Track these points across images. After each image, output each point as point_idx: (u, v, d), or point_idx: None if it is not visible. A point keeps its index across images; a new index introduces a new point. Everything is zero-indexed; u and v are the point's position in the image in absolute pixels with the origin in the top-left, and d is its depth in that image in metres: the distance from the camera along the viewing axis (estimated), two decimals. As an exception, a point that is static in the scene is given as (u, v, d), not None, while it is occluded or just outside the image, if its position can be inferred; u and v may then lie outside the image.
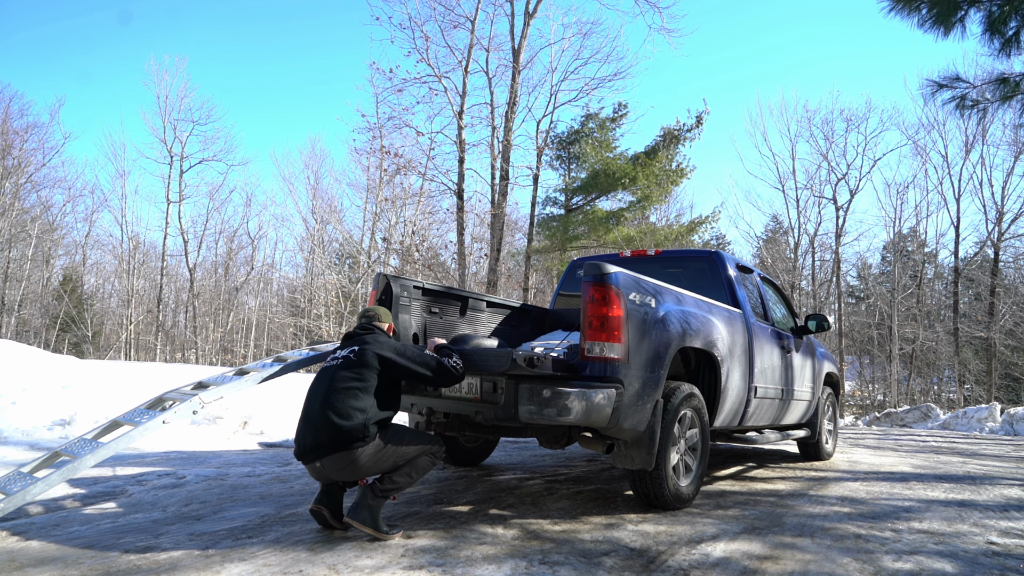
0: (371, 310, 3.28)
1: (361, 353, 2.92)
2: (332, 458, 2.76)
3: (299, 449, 2.86)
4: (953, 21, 6.39)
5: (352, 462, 2.76)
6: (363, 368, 2.87)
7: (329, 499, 2.90)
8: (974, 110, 7.04)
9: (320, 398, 2.84)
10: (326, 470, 2.80)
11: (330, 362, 3.01)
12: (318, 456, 2.78)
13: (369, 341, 2.98)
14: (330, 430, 2.74)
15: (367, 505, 2.75)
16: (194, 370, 9.97)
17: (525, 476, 4.49)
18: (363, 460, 2.78)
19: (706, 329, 3.70)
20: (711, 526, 3.20)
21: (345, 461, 2.76)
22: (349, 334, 3.16)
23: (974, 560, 2.79)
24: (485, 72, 16.16)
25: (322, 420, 2.77)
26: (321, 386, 2.89)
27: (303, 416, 2.90)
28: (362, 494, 2.78)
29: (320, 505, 2.88)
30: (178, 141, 26.45)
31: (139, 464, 4.43)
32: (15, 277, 25.73)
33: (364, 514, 2.74)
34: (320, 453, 2.77)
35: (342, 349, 3.09)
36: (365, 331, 3.12)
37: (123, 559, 2.41)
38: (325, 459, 2.77)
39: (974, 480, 5.15)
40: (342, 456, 2.75)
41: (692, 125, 16.05)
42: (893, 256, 24.22)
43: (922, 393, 22.17)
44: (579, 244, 16.96)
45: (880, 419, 13.26)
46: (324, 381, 2.90)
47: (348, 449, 2.74)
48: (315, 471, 2.85)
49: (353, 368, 2.88)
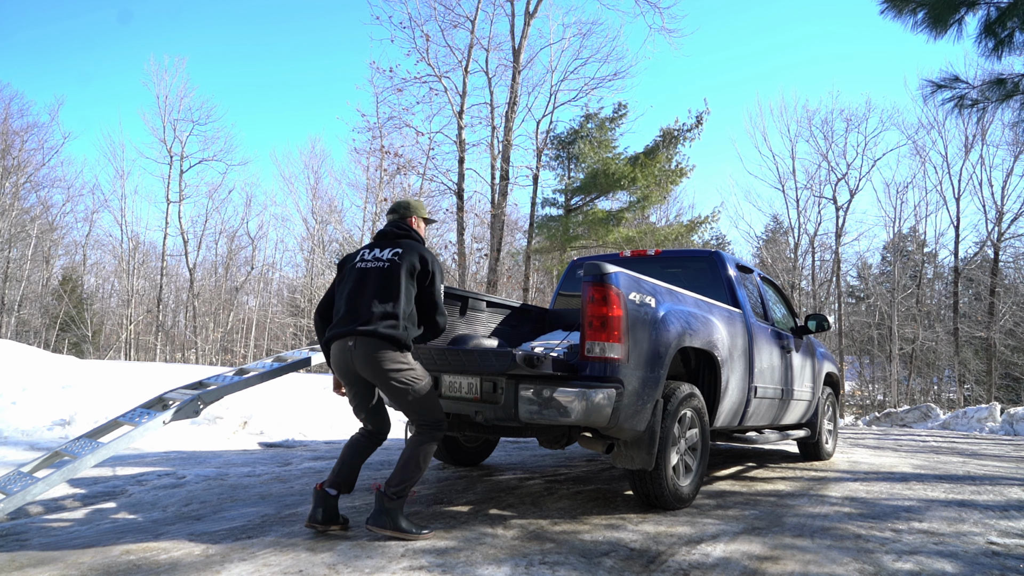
0: (403, 204, 3.23)
1: (406, 256, 2.94)
2: (368, 340, 2.78)
3: (331, 331, 2.89)
4: (949, 23, 6.40)
5: (383, 359, 2.77)
6: (404, 277, 2.90)
7: (323, 511, 2.83)
8: (973, 110, 7.04)
9: (363, 299, 2.87)
10: (354, 352, 2.80)
11: (368, 263, 2.98)
12: (354, 333, 2.80)
13: (410, 248, 3.00)
14: (372, 322, 2.79)
15: (385, 510, 2.74)
16: (194, 370, 9.97)
17: (525, 476, 4.48)
18: (391, 364, 2.79)
19: (706, 329, 3.70)
20: (711, 526, 3.20)
21: (377, 348, 2.78)
22: (384, 232, 3.14)
23: (974, 560, 2.79)
24: (485, 72, 16.18)
25: (367, 314, 2.81)
26: (361, 288, 2.90)
27: (340, 312, 2.92)
28: (378, 500, 2.77)
29: (313, 523, 2.82)
30: (178, 141, 26.48)
31: (139, 464, 4.43)
32: (15, 277, 25.72)
33: (384, 519, 2.74)
34: (357, 331, 2.79)
35: (380, 249, 3.04)
36: (401, 232, 3.12)
37: (123, 559, 2.41)
38: (361, 339, 2.79)
39: (974, 480, 5.15)
40: (377, 343, 2.77)
41: (692, 125, 16.07)
42: (893, 256, 24.22)
43: (922, 393, 22.16)
44: (579, 244, 16.96)
45: (880, 419, 13.26)
46: (366, 283, 2.91)
47: (386, 342, 2.78)
48: (340, 354, 2.84)
49: (394, 276, 2.90)
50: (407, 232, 3.14)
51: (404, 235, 3.12)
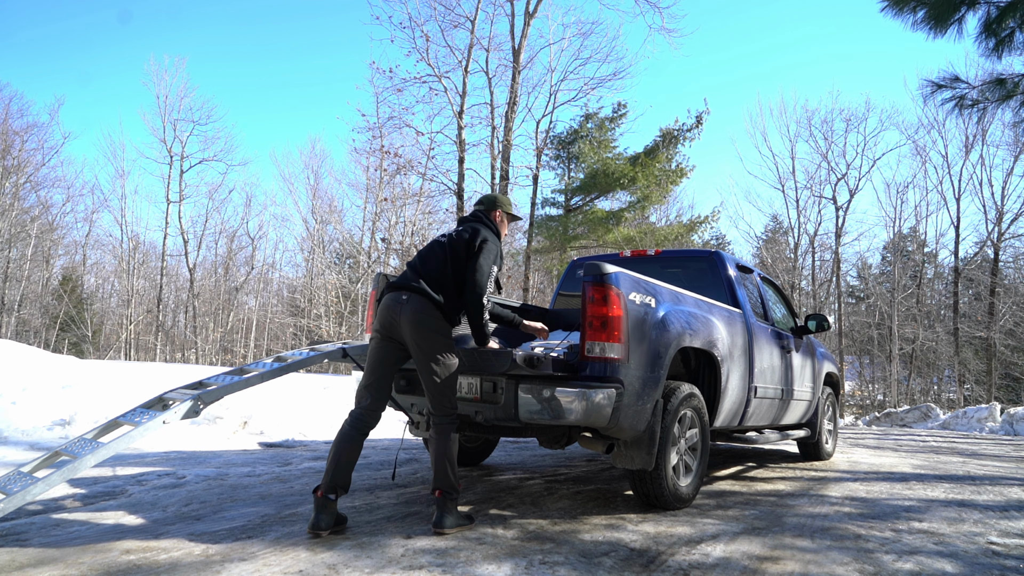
0: (488, 198, 3.36)
1: (463, 232, 3.08)
2: (422, 300, 2.86)
3: (390, 283, 2.99)
4: (950, 22, 6.40)
5: (430, 323, 2.85)
6: (460, 251, 3.01)
7: (326, 517, 2.76)
8: (973, 110, 7.04)
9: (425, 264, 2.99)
10: (404, 307, 2.86)
11: (441, 238, 3.12)
12: (409, 288, 2.89)
13: (475, 228, 3.12)
14: (430, 286, 2.90)
15: (449, 511, 2.86)
16: (194, 370, 9.97)
17: (525, 476, 4.48)
18: (436, 332, 2.87)
19: (706, 329, 3.70)
20: (711, 526, 3.20)
21: (429, 311, 2.86)
22: (462, 217, 3.31)
23: (974, 560, 2.79)
24: (485, 72, 16.19)
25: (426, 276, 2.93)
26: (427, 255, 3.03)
27: (404, 271, 3.04)
28: (441, 504, 2.86)
29: (317, 530, 2.74)
30: (178, 141, 26.52)
31: (139, 464, 4.43)
32: (15, 277, 25.73)
33: (449, 520, 2.84)
34: (413, 287, 2.88)
35: (454, 230, 3.19)
36: (476, 218, 3.26)
37: (123, 559, 2.41)
38: (416, 296, 2.87)
39: (974, 480, 5.15)
40: (430, 306, 2.86)
41: (692, 125, 16.08)
42: (893, 256, 24.23)
43: (922, 393, 22.17)
44: (579, 244, 16.97)
45: (880, 419, 13.26)
46: (432, 252, 3.04)
47: (438, 309, 2.87)
48: (391, 306, 2.89)
49: (452, 249, 3.02)
50: (481, 218, 3.26)
51: (478, 221, 3.23)
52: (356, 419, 2.93)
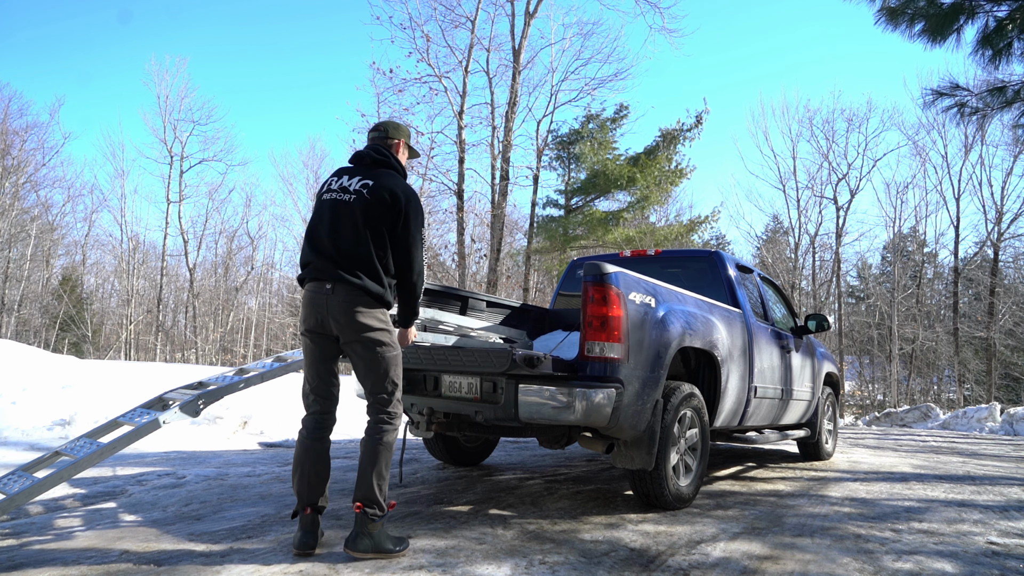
0: (389, 124, 2.84)
1: (376, 190, 2.56)
2: (349, 288, 2.50)
3: (308, 271, 2.59)
4: (948, 34, 6.40)
5: (362, 313, 2.50)
6: (374, 216, 2.54)
7: (313, 536, 2.54)
8: (974, 117, 7.04)
9: (334, 238, 2.55)
10: (331, 299, 2.51)
11: (335, 195, 2.60)
12: (333, 278, 2.51)
13: (383, 179, 2.60)
14: (353, 268, 2.51)
15: (367, 533, 2.47)
16: (194, 370, 9.97)
17: (525, 476, 4.49)
18: (370, 320, 2.52)
19: (706, 329, 3.70)
20: (711, 526, 3.20)
21: (358, 299, 2.50)
22: (359, 155, 2.72)
23: (974, 560, 2.79)
24: (485, 72, 16.19)
25: (344, 258, 2.52)
26: (330, 224, 2.56)
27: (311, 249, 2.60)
28: (359, 523, 2.49)
29: (306, 550, 2.50)
30: (178, 141, 26.50)
31: (139, 464, 4.43)
32: (15, 277, 25.72)
33: (365, 542, 2.47)
34: (338, 276, 2.50)
35: (349, 177, 2.63)
36: (379, 158, 2.70)
37: (123, 559, 2.41)
38: (341, 285, 2.50)
39: (974, 480, 5.15)
40: (359, 294, 2.50)
41: (692, 125, 16.07)
42: (893, 256, 24.23)
43: (922, 393, 22.17)
44: (579, 244, 16.97)
45: (880, 419, 13.26)
46: (334, 220, 2.56)
47: (368, 295, 2.52)
48: (315, 298, 2.54)
49: (361, 214, 2.54)
50: (386, 159, 2.72)
51: (382, 162, 2.70)
52: (312, 428, 2.65)
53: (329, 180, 2.69)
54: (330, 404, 2.69)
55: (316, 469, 2.59)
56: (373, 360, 2.57)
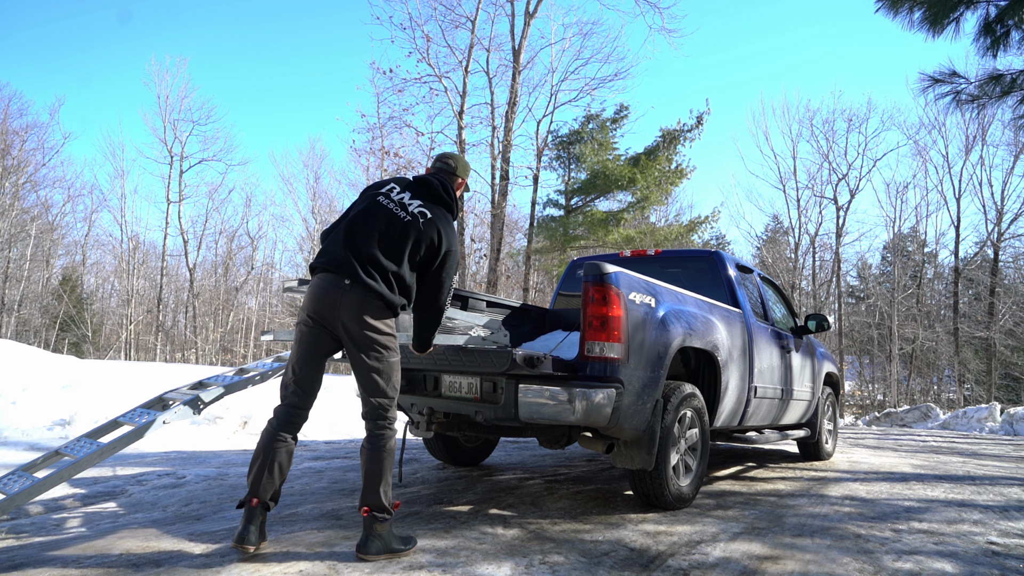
0: (459, 162, 2.90)
1: (429, 226, 2.61)
2: (367, 291, 2.49)
3: (327, 259, 2.57)
4: (947, 22, 6.38)
5: (373, 316, 2.51)
6: (419, 245, 2.59)
7: (256, 529, 2.48)
8: (973, 105, 7.01)
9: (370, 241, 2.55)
10: (346, 294, 2.49)
11: (392, 204, 2.63)
12: (355, 276, 2.49)
13: (438, 218, 2.65)
14: (377, 274, 2.51)
15: (377, 535, 2.48)
16: (194, 370, 9.97)
17: (525, 476, 4.49)
18: (379, 324, 2.53)
19: (706, 329, 3.70)
20: (711, 526, 3.20)
21: (372, 302, 2.50)
22: (425, 182, 2.74)
23: (974, 560, 2.79)
24: (485, 72, 16.20)
25: (372, 262, 2.52)
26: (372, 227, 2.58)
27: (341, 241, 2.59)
28: (367, 527, 2.49)
29: (247, 544, 2.44)
30: (178, 141, 26.53)
31: (139, 464, 4.43)
32: (15, 277, 25.73)
33: (376, 544, 2.47)
34: (359, 277, 2.49)
35: (411, 196, 2.68)
36: (444, 196, 2.75)
37: (123, 559, 2.41)
38: (359, 286, 2.49)
39: (974, 480, 5.16)
40: (375, 298, 2.50)
41: (692, 126, 16.07)
42: (893, 256, 24.24)
43: (922, 393, 22.17)
44: (579, 244, 16.97)
45: (880, 419, 13.26)
46: (379, 226, 2.58)
47: (382, 301, 2.52)
48: (329, 289, 2.51)
49: (408, 237, 2.58)
50: (448, 197, 2.78)
51: (444, 200, 2.76)
52: (284, 420, 2.59)
53: (389, 185, 2.71)
54: (307, 400, 2.63)
55: (278, 463, 2.53)
56: (377, 364, 2.55)
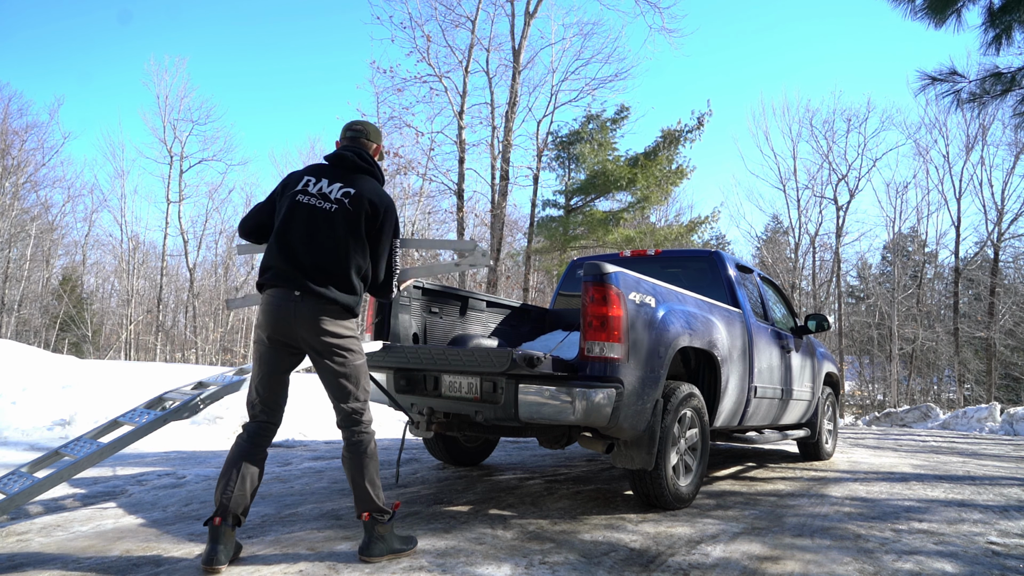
0: (369, 126, 2.72)
1: (357, 202, 2.46)
2: (318, 300, 2.40)
3: (272, 276, 2.45)
4: (949, 12, 6.35)
5: (329, 323, 2.41)
6: (356, 227, 2.45)
7: (225, 548, 2.32)
8: (974, 104, 6.98)
9: (307, 246, 2.43)
10: (299, 307, 2.40)
11: (313, 200, 2.48)
12: (303, 288, 2.39)
13: (364, 189, 2.50)
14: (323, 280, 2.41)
15: (379, 537, 2.47)
16: (194, 370, 9.97)
17: (525, 476, 4.49)
18: (338, 328, 2.44)
19: (706, 329, 3.70)
20: (711, 526, 3.20)
21: (326, 309, 2.41)
22: (340, 158, 2.58)
23: (974, 560, 2.79)
24: (485, 72, 16.19)
25: (314, 268, 2.42)
26: (303, 230, 2.45)
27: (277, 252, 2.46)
28: (368, 530, 2.47)
29: (215, 565, 2.26)
30: (178, 141, 26.49)
31: (139, 464, 4.43)
32: (15, 277, 25.73)
33: (379, 546, 2.46)
34: (308, 287, 2.39)
35: (329, 182, 2.51)
36: (363, 165, 2.58)
37: (123, 559, 2.41)
38: (310, 297, 2.40)
39: (974, 480, 5.15)
40: (327, 305, 2.41)
41: (693, 126, 16.03)
42: (893, 256, 24.24)
43: (922, 393, 22.17)
44: (579, 244, 16.96)
45: (880, 419, 13.26)
46: (309, 227, 2.45)
47: (337, 305, 2.43)
48: (281, 304, 2.41)
49: (342, 225, 2.44)
50: (369, 166, 2.61)
51: (363, 167, 2.59)
52: (254, 434, 2.52)
53: (304, 179, 2.54)
54: (276, 415, 2.58)
55: (246, 478, 2.44)
56: (342, 370, 2.48)
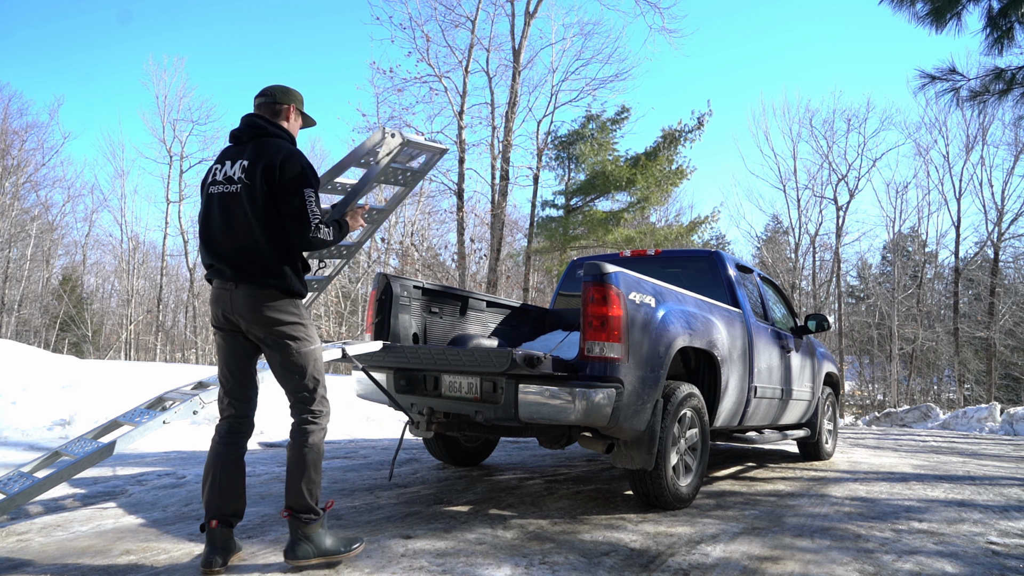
0: (279, 89, 2.55)
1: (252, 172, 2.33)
2: (250, 286, 2.32)
3: (211, 270, 2.40)
4: (950, 15, 6.36)
5: (267, 307, 2.31)
6: (270, 190, 2.32)
7: (222, 551, 2.30)
8: (974, 103, 6.98)
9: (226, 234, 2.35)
10: (235, 295, 2.33)
11: (219, 186, 2.39)
12: (233, 278, 2.33)
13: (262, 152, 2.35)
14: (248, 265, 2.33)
15: (305, 537, 2.30)
16: (194, 370, 9.96)
17: (525, 476, 4.48)
18: (278, 314, 2.33)
19: (706, 329, 3.70)
20: (711, 526, 3.20)
21: (263, 298, 2.32)
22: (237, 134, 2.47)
23: (974, 560, 2.79)
24: (485, 72, 16.19)
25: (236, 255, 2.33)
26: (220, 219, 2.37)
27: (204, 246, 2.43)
28: (292, 527, 2.31)
29: (214, 568, 2.25)
30: (177, 141, 26.51)
31: (139, 464, 4.43)
32: (15, 277, 25.73)
33: (306, 547, 2.29)
34: (238, 278, 2.32)
35: (231, 163, 2.40)
36: (258, 130, 2.44)
37: (123, 559, 2.41)
38: (243, 283, 2.32)
39: (974, 480, 5.16)
40: (260, 289, 2.33)
41: (693, 127, 16.02)
42: (893, 256, 24.24)
43: (922, 393, 22.17)
44: (579, 244, 16.96)
45: (880, 419, 13.26)
46: (223, 214, 2.36)
47: (271, 288, 2.33)
48: (219, 295, 2.37)
49: (247, 204, 2.32)
50: (268, 128, 2.45)
51: (259, 133, 2.44)
52: (226, 433, 2.44)
53: (212, 169, 2.47)
54: (246, 407, 2.48)
55: (228, 477, 2.37)
56: (287, 357, 2.37)
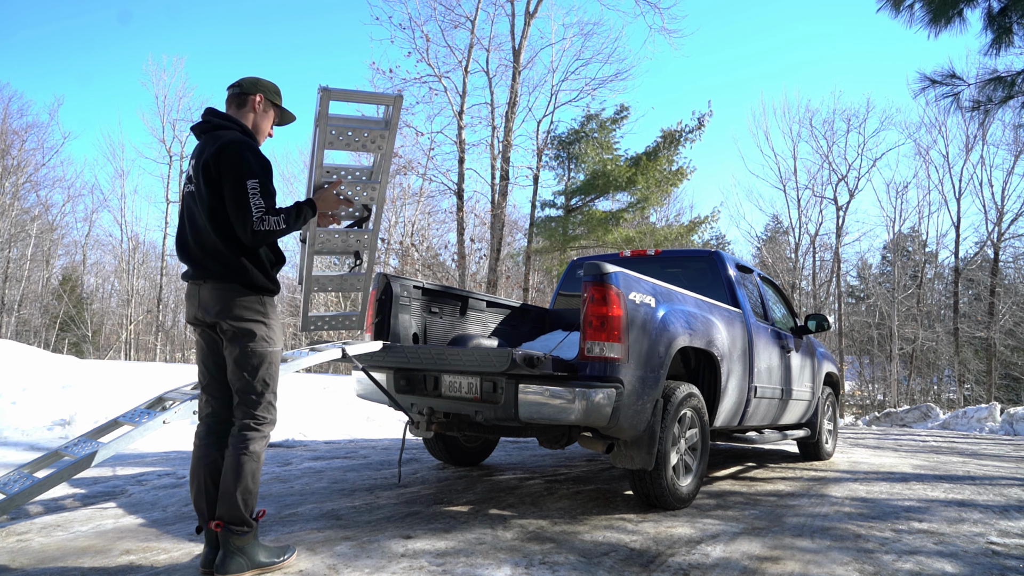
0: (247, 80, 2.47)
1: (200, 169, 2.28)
2: (216, 279, 2.30)
3: (185, 268, 2.44)
4: (949, 18, 6.37)
5: (230, 301, 2.29)
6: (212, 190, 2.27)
7: None
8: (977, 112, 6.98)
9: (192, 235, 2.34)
10: (202, 292, 2.33)
11: (189, 189, 2.36)
12: (199, 276, 2.33)
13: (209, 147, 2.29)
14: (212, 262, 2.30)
15: (236, 550, 2.22)
16: (194, 370, 9.97)
17: (525, 476, 4.48)
18: (239, 309, 2.29)
19: (706, 329, 3.70)
20: (711, 526, 3.20)
21: (227, 293, 2.29)
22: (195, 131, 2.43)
23: (974, 560, 2.79)
24: (485, 72, 16.19)
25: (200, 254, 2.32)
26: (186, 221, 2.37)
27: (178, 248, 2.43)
28: (223, 541, 2.22)
29: (211, 569, 2.24)
30: (177, 141, 26.53)
31: (139, 464, 4.43)
32: (15, 277, 25.73)
33: (239, 561, 2.21)
34: (200, 275, 2.32)
35: (194, 161, 2.37)
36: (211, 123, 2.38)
37: (123, 559, 2.41)
38: (208, 280, 2.31)
39: (974, 480, 5.16)
40: (226, 286, 2.30)
41: (694, 127, 16.03)
42: (893, 256, 24.23)
43: (922, 393, 22.17)
44: (579, 244, 16.97)
45: (880, 419, 13.26)
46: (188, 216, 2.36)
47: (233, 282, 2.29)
48: (191, 290, 2.39)
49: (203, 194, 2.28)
50: (214, 121, 2.38)
51: (211, 128, 2.38)
52: (204, 435, 2.41)
53: (186, 174, 2.47)
54: (223, 403, 2.42)
55: (215, 481, 2.32)
56: (241, 354, 2.30)
